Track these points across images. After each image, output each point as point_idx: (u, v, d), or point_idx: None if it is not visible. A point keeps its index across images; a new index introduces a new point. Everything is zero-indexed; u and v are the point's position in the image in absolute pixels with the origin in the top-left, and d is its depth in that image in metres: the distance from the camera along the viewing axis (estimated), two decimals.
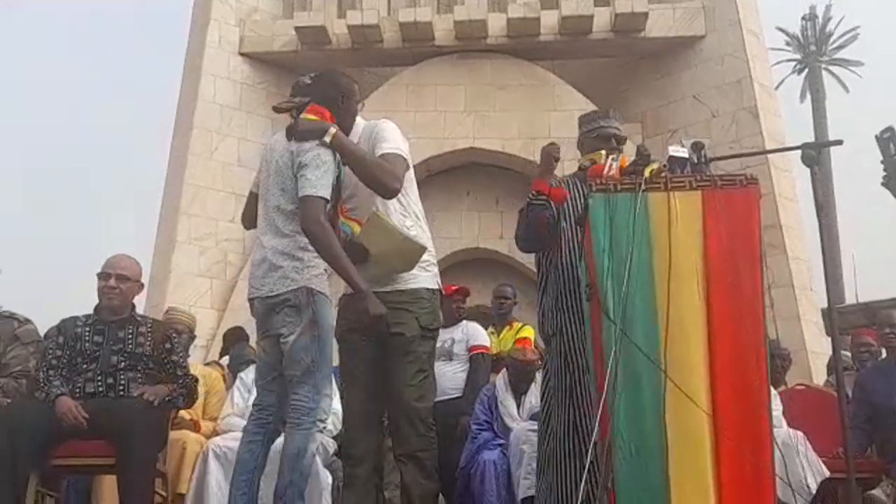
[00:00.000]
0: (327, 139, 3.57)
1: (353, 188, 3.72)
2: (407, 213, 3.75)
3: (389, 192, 3.63)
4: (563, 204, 4.01)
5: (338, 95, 3.77)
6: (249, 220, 3.93)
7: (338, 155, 3.62)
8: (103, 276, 4.40)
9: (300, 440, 3.49)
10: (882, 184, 3.58)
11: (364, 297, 3.48)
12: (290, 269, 3.54)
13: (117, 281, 4.39)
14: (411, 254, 3.67)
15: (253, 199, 3.89)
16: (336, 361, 3.74)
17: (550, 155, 4.01)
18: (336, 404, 4.04)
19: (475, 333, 6.19)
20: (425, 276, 3.74)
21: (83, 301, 4.72)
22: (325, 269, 3.59)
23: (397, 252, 3.66)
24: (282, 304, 3.55)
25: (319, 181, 3.52)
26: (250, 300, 3.71)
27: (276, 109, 4.04)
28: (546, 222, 3.99)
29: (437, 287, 3.81)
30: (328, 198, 3.54)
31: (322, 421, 3.59)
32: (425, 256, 3.72)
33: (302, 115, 3.72)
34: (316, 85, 3.85)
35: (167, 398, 4.31)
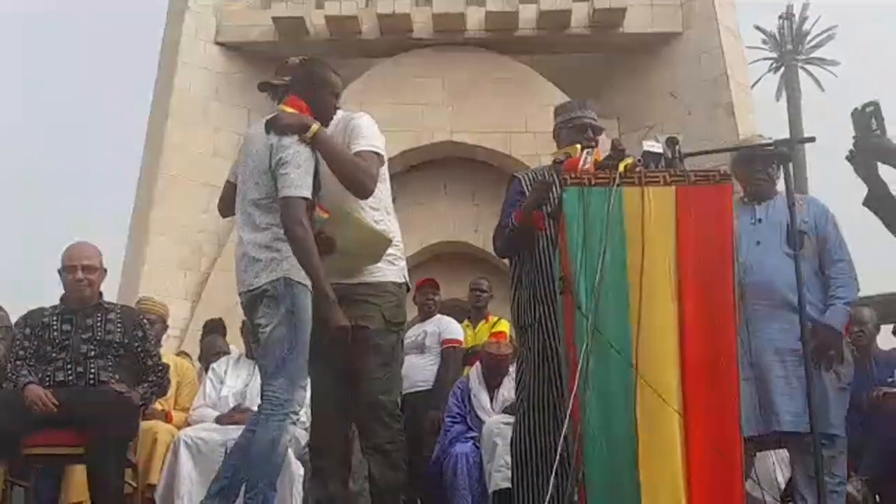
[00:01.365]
0: (308, 135, 3.55)
1: (323, 178, 3.65)
2: (377, 206, 3.73)
3: (365, 193, 3.62)
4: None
5: (318, 87, 3.71)
6: (225, 208, 3.90)
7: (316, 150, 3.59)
8: (69, 269, 4.36)
9: (273, 432, 3.45)
10: (847, 158, 3.55)
11: (330, 306, 3.42)
12: (268, 261, 3.51)
13: (84, 272, 4.37)
14: (378, 246, 3.67)
15: (229, 187, 3.85)
16: None
17: (547, 191, 3.90)
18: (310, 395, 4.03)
19: (448, 327, 6.20)
20: (392, 270, 3.73)
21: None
22: None
23: (364, 244, 3.66)
24: (262, 296, 3.52)
25: (301, 179, 3.48)
26: (239, 296, 3.68)
27: (262, 86, 3.99)
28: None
29: (403, 281, 3.80)
30: (310, 197, 3.51)
31: (296, 413, 3.56)
32: (392, 250, 3.72)
33: (281, 107, 3.68)
34: (298, 73, 3.79)
35: (140, 403, 4.33)
